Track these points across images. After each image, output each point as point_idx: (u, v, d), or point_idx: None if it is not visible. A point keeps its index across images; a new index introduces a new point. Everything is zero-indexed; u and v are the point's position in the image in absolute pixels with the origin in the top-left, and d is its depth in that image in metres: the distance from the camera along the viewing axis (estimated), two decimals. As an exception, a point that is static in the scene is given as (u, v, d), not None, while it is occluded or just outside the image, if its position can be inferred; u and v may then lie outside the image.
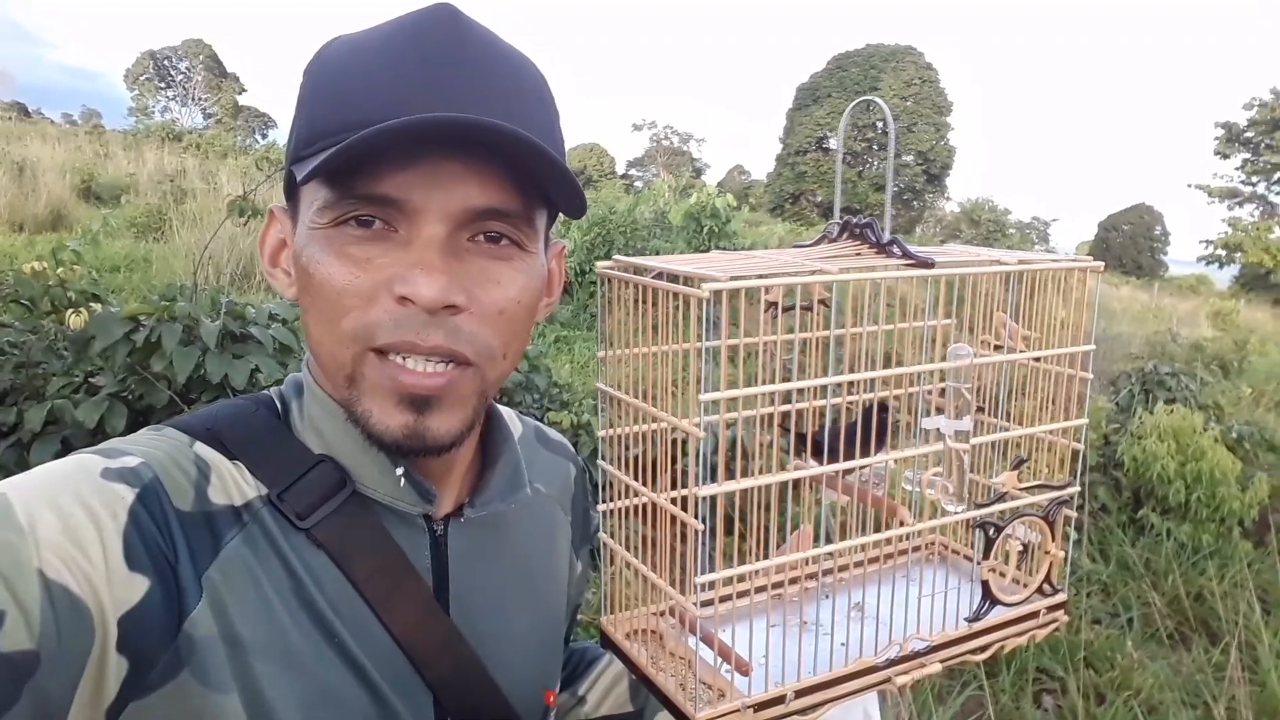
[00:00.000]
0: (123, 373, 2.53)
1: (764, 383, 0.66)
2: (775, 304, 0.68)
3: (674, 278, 0.63)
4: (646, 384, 0.68)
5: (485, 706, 0.72)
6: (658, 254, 0.67)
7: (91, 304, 2.66)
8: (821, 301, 0.75)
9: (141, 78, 44.94)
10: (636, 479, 0.72)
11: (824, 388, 0.72)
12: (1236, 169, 33.66)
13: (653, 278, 0.64)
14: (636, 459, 0.71)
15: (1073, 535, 0.85)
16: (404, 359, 0.62)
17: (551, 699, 0.81)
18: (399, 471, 0.68)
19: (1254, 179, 33.19)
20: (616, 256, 0.68)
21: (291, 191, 0.66)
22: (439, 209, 0.60)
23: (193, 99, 45.37)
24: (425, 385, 0.62)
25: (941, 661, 0.77)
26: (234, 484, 0.65)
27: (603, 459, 0.73)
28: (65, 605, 0.53)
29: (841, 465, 0.69)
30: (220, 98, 45.21)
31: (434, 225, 0.60)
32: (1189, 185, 38.95)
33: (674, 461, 0.70)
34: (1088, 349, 0.82)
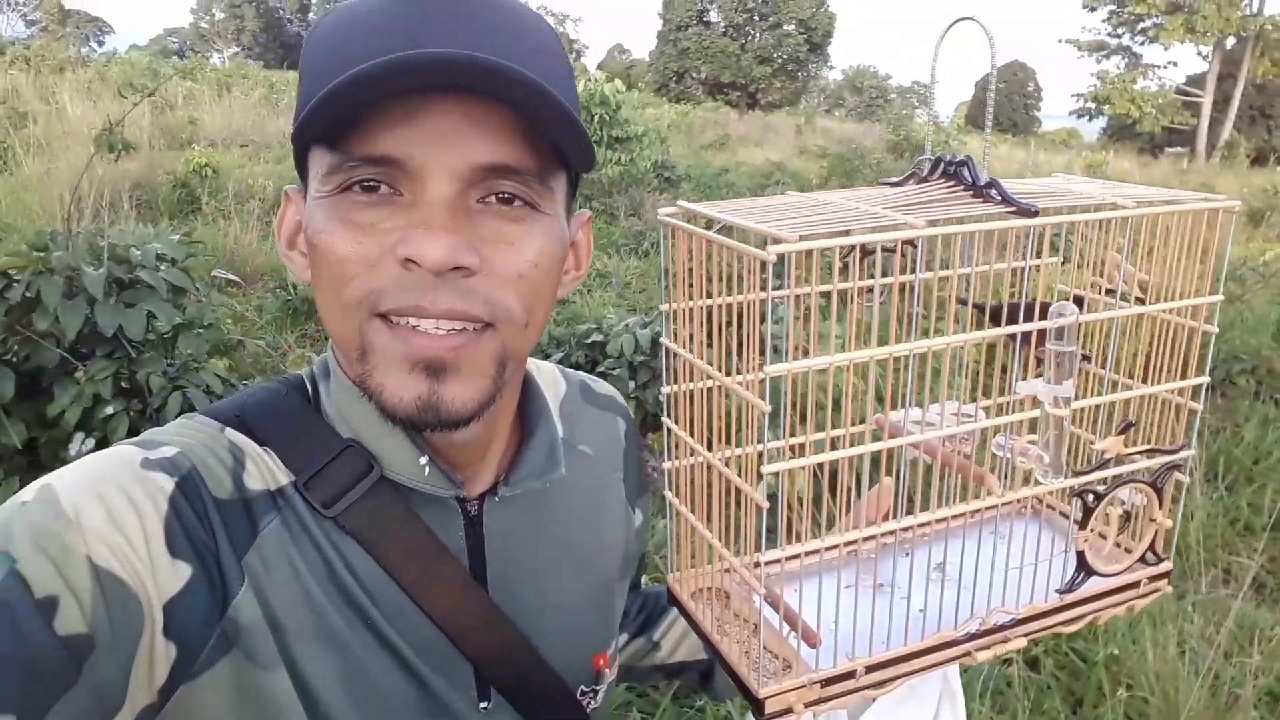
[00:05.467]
0: (1, 334, 2.31)
1: (845, 343, 0.60)
2: (853, 248, 0.61)
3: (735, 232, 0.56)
4: (713, 350, 0.63)
5: (529, 677, 0.72)
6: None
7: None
8: (909, 243, 0.67)
9: (-59, -19, 39.72)
10: (698, 440, 0.68)
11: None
12: (1103, 21, 33.30)
13: (717, 230, 0.58)
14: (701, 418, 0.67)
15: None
16: (414, 324, 0.58)
17: (601, 663, 0.80)
18: (423, 460, 0.66)
19: (1119, 30, 32.91)
20: (680, 202, 0.61)
21: (303, 169, 0.63)
22: (443, 167, 0.56)
23: (9, 4, 40.58)
24: (440, 347, 0.59)
25: (1027, 635, 0.72)
26: (267, 470, 0.65)
27: (667, 416, 0.69)
28: (115, 591, 0.54)
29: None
30: (42, 2, 40.15)
31: (438, 184, 0.57)
32: (1060, 40, 38.13)
33: (731, 426, 0.65)
34: (1215, 299, 0.72)
